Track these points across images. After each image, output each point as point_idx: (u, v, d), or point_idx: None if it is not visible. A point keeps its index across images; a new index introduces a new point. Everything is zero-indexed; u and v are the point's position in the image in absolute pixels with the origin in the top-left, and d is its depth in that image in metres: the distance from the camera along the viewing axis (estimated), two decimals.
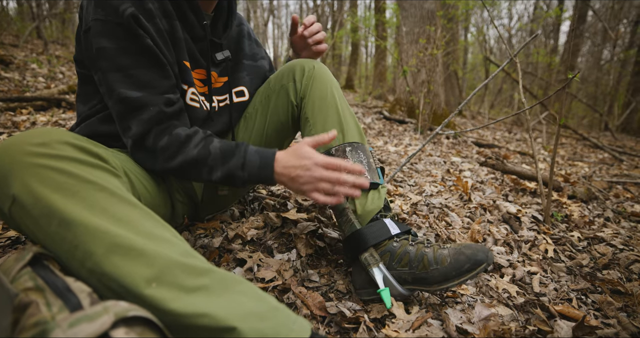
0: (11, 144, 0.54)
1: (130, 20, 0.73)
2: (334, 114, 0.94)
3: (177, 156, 0.78)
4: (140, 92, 0.76)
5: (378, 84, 8.95)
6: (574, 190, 1.94)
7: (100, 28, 0.74)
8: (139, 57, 0.76)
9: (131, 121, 0.77)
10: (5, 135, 1.86)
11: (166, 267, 0.50)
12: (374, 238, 0.84)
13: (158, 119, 0.77)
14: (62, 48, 7.13)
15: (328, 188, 0.77)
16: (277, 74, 1.03)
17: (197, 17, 0.89)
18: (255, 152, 0.80)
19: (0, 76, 3.42)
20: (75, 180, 0.53)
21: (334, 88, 0.98)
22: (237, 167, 0.79)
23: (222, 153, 0.80)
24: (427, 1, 3.98)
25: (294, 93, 0.98)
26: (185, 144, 0.79)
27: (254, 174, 0.79)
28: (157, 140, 0.78)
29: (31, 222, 0.51)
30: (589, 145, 5.05)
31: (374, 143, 2.97)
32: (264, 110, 1.04)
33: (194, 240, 1.02)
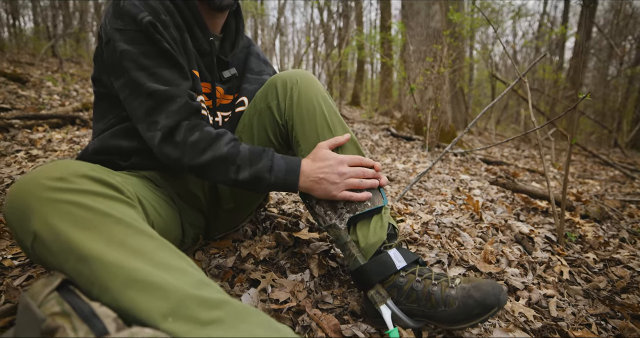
0: (31, 180, 0.55)
1: (149, 26, 0.78)
2: (327, 134, 0.89)
3: (207, 151, 0.79)
4: (166, 86, 0.79)
5: (384, 101, 9.02)
6: (586, 210, 1.92)
7: (120, 36, 0.78)
8: (160, 59, 0.80)
9: (160, 115, 0.78)
10: (22, 153, 1.89)
11: (181, 300, 0.50)
12: (379, 274, 0.81)
13: (185, 110, 0.80)
14: (76, 66, 7.31)
15: (357, 183, 0.82)
16: (262, 91, 0.98)
17: (203, 32, 0.93)
18: (281, 158, 0.83)
19: (18, 94, 3.51)
20: (92, 213, 0.54)
21: (322, 103, 0.90)
22: (265, 169, 0.80)
23: (250, 154, 0.81)
24: (433, 20, 4.05)
25: (279, 112, 0.93)
26: (217, 141, 0.80)
27: (280, 178, 0.81)
28: (188, 135, 0.79)
29: (51, 257, 0.52)
30: (598, 162, 5.01)
31: (382, 160, 2.98)
32: (250, 130, 0.99)
33: (208, 260, 1.03)
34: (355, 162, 0.85)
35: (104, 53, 0.84)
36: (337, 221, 0.86)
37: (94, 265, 0.50)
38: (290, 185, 0.82)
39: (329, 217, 0.87)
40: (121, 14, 0.79)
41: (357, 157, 0.85)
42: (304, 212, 1.47)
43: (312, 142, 0.89)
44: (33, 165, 1.75)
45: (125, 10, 0.78)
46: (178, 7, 0.88)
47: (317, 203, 0.89)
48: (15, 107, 3.07)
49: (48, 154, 2.00)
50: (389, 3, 9.05)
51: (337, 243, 0.87)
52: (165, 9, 0.84)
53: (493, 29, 1.61)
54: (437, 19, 4.05)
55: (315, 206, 0.89)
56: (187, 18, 0.90)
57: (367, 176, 0.85)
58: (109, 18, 0.80)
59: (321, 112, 0.90)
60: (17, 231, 0.54)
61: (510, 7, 10.25)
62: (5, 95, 3.43)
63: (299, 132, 0.91)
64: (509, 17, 10.51)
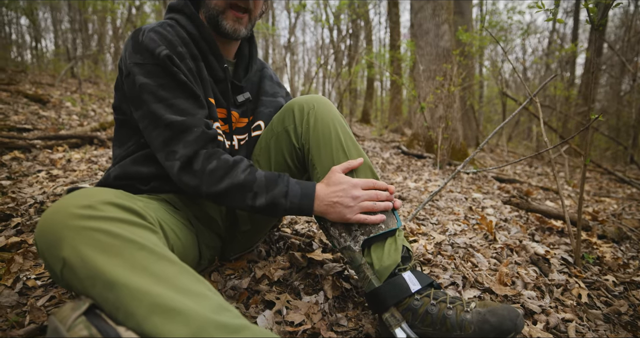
0: (60, 208, 0.58)
1: (166, 60, 0.82)
2: (342, 157, 0.91)
3: (224, 179, 0.82)
4: (183, 117, 0.82)
5: (394, 118, 9.06)
6: (603, 230, 1.88)
7: (139, 70, 0.83)
8: (177, 90, 0.83)
9: (177, 145, 0.81)
10: (43, 173, 1.95)
11: (202, 325, 0.51)
12: (393, 297, 0.81)
13: (202, 139, 0.83)
14: (93, 86, 7.54)
15: (370, 206, 0.84)
16: (279, 115, 1.01)
17: (217, 60, 0.96)
18: (296, 183, 0.85)
19: (39, 115, 3.63)
20: (118, 240, 0.56)
21: (337, 127, 0.93)
22: (281, 195, 0.83)
23: (266, 180, 0.83)
24: (443, 40, 4.11)
25: (296, 136, 0.96)
26: (234, 168, 0.83)
27: (295, 203, 0.83)
28: (206, 164, 0.82)
29: (79, 283, 0.54)
30: (614, 180, 4.92)
31: (393, 179, 2.98)
32: (267, 153, 1.02)
33: (224, 281, 1.04)
34: (369, 185, 0.87)
35: (124, 84, 0.88)
36: (351, 243, 0.87)
37: (120, 291, 0.52)
38: (306, 209, 0.84)
39: (344, 239, 0.88)
40: (140, 48, 0.83)
41: (371, 181, 0.87)
42: (317, 232, 1.48)
43: (327, 166, 0.91)
44: (54, 185, 1.80)
45: (143, 45, 0.83)
46: (193, 37, 0.93)
47: (331, 225, 0.90)
48: (37, 128, 3.17)
49: (68, 173, 2.06)
50: (397, 22, 9.21)
51: (352, 265, 0.88)
52: (182, 41, 0.89)
53: (502, 49, 1.64)
54: (447, 38, 4.11)
55: (330, 228, 0.91)
56: (202, 47, 0.94)
57: (381, 199, 0.86)
58: (129, 52, 0.85)
59: (337, 136, 0.92)
60: (47, 258, 0.57)
61: (519, 25, 10.31)
62: (28, 116, 3.56)
63: (315, 156, 0.93)
64: (517, 35, 10.58)
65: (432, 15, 4.12)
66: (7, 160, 2.18)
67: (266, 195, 0.82)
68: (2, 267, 0.99)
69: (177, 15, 0.94)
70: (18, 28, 13.69)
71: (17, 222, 1.30)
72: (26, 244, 1.14)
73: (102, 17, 9.07)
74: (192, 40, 0.92)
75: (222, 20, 0.92)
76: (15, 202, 1.51)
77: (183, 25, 0.92)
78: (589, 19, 1.22)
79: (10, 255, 1.04)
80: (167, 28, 0.88)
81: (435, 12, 4.11)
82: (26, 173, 1.99)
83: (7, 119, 3.28)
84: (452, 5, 4.24)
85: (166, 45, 0.84)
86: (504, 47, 1.67)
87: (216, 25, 0.94)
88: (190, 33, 0.92)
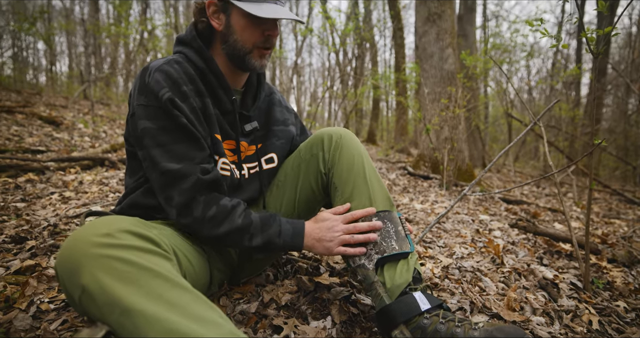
0: (81, 237, 0.61)
1: (167, 103, 0.86)
2: (362, 183, 0.99)
3: (223, 224, 0.88)
4: (179, 164, 0.86)
5: (400, 138, 9.11)
6: (613, 253, 1.86)
7: (143, 112, 0.87)
8: (176, 133, 0.87)
9: (173, 191, 0.86)
10: (56, 195, 2.00)
11: None
12: (403, 314, 0.83)
13: (197, 187, 0.86)
14: (105, 107, 7.73)
15: (348, 239, 0.93)
16: (307, 143, 1.10)
17: (226, 93, 1.00)
18: (287, 222, 0.94)
19: (53, 137, 3.73)
20: (135, 268, 0.59)
21: (362, 155, 1.03)
22: (275, 234, 0.91)
23: (261, 222, 0.91)
24: (447, 63, 4.19)
25: (323, 162, 1.05)
26: (232, 214, 0.89)
27: (287, 241, 0.92)
28: (206, 210, 0.87)
29: (97, 309, 0.57)
30: (624, 200, 4.87)
31: (399, 200, 2.99)
32: (295, 178, 1.10)
33: (232, 306, 1.05)
34: (348, 218, 0.96)
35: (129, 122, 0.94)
36: (365, 261, 0.93)
37: (136, 317, 0.54)
38: (297, 246, 0.94)
39: (359, 258, 0.94)
40: (145, 90, 0.87)
41: (349, 214, 0.96)
42: (324, 256, 1.49)
43: (349, 189, 0.99)
44: (66, 207, 1.84)
45: (149, 87, 0.87)
46: (201, 71, 0.96)
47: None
48: (50, 149, 3.25)
49: (79, 195, 2.10)
50: (402, 44, 9.40)
51: (365, 283, 0.93)
52: (188, 78, 0.92)
53: (505, 75, 1.68)
54: (451, 61, 4.19)
55: None
56: (210, 81, 0.97)
57: (360, 230, 0.94)
58: (136, 93, 0.89)
59: (360, 163, 1.01)
60: (67, 285, 0.59)
61: (522, 47, 10.45)
62: (42, 138, 3.66)
63: (337, 179, 1.02)
64: (522, 57, 10.71)
65: (436, 39, 4.22)
66: (22, 182, 2.23)
67: (262, 235, 0.91)
68: (17, 290, 1.01)
69: (185, 49, 0.97)
70: (35, 52, 14.19)
71: (32, 244, 1.33)
72: (40, 267, 1.16)
73: (115, 41, 9.38)
74: (200, 74, 0.96)
75: (250, 59, 0.97)
76: (30, 225, 1.55)
77: (191, 59, 0.95)
78: (589, 48, 1.26)
79: (25, 278, 1.06)
80: (174, 66, 0.90)
81: (439, 37, 4.21)
82: (40, 196, 2.04)
83: (23, 141, 3.38)
84: (455, 29, 4.34)
85: (170, 86, 0.87)
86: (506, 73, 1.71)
87: (242, 63, 0.98)
88: (198, 68, 0.95)
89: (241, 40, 0.95)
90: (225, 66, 1.01)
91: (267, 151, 1.12)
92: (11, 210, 1.75)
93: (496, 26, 12.93)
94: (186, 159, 0.87)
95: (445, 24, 4.21)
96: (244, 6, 0.90)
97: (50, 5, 13.32)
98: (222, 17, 0.96)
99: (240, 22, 0.94)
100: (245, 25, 0.94)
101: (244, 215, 0.91)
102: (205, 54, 0.96)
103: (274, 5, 0.93)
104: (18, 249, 1.31)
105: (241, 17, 0.93)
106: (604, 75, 8.75)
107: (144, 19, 11.47)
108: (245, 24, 0.94)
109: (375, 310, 0.91)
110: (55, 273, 0.62)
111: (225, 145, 1.01)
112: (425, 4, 4.27)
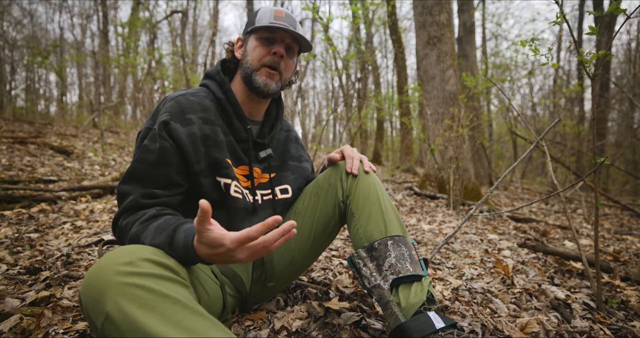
0: (104, 265, 0.64)
1: (160, 125, 0.94)
2: (377, 210, 1.04)
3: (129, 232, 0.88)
4: (129, 186, 0.93)
5: (405, 158, 9.15)
6: (626, 271, 1.84)
7: (144, 133, 0.97)
8: (149, 154, 0.93)
9: (119, 206, 0.94)
10: (68, 224, 2.04)
11: None
12: (418, 332, 0.85)
13: (130, 206, 0.91)
14: (113, 136, 7.89)
15: (261, 254, 0.72)
16: (325, 174, 1.16)
17: (241, 123, 1.08)
18: (183, 231, 0.78)
19: (64, 166, 3.81)
20: (155, 295, 0.62)
21: (377, 185, 1.09)
22: (165, 244, 0.78)
23: (156, 230, 0.81)
24: (448, 84, 4.26)
25: (342, 191, 1.10)
26: (134, 222, 0.88)
27: (180, 254, 0.76)
28: (124, 220, 0.91)
29: (119, 336, 0.59)
30: (636, 215, 4.80)
31: (407, 221, 2.99)
32: (314, 206, 1.15)
33: (244, 333, 1.06)
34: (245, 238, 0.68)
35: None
36: (381, 282, 0.96)
37: None
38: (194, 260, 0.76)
39: (374, 278, 0.97)
40: (154, 114, 0.99)
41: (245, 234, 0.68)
42: (334, 280, 1.49)
43: (365, 215, 1.03)
44: (78, 237, 1.87)
45: (157, 113, 0.98)
46: (220, 102, 1.05)
47: (364, 265, 1.00)
48: (62, 179, 3.32)
49: (91, 224, 2.14)
50: (404, 66, 9.57)
51: (380, 302, 0.96)
52: (200, 108, 1.01)
53: (505, 96, 1.71)
54: (452, 82, 4.26)
55: (362, 268, 1.01)
56: (227, 111, 1.06)
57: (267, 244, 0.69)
58: (148, 117, 1.00)
59: (375, 192, 1.07)
60: (90, 312, 0.61)
61: (524, 66, 10.59)
62: (53, 168, 3.74)
63: (354, 206, 1.06)
64: (523, 75, 10.82)
65: (436, 61, 4.32)
66: (35, 212, 2.28)
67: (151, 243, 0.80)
68: (33, 321, 1.03)
69: (209, 82, 1.10)
70: (47, 83, 14.66)
71: (46, 275, 1.36)
72: (55, 298, 1.18)
73: (123, 71, 9.68)
74: (218, 104, 1.06)
75: (256, 76, 1.06)
76: (43, 255, 1.58)
77: (212, 90, 1.07)
78: (585, 71, 1.30)
79: (40, 310, 1.08)
80: (190, 97, 1.01)
81: (439, 59, 4.31)
82: (52, 225, 2.08)
83: (35, 171, 3.46)
84: (455, 51, 4.44)
85: (174, 113, 0.96)
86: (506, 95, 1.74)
87: (250, 82, 1.07)
88: (217, 98, 1.06)
89: (251, 60, 1.07)
90: (244, 95, 1.11)
91: (281, 182, 1.18)
92: (25, 241, 1.79)
93: (495, 46, 13.14)
94: (140, 181, 0.93)
95: (445, 47, 4.31)
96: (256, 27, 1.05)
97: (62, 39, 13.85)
98: (243, 47, 1.11)
99: (253, 44, 1.08)
100: (256, 45, 1.07)
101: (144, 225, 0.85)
102: (225, 86, 1.08)
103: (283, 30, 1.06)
104: (33, 280, 1.34)
105: (254, 40, 1.08)
106: (607, 89, 8.79)
107: (151, 49, 11.87)
108: (256, 44, 1.07)
109: (386, 334, 0.92)
110: (79, 301, 0.64)
111: (238, 170, 1.08)
112: (425, 28, 4.39)
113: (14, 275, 1.37)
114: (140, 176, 0.93)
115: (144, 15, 12.25)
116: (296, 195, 1.21)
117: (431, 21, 4.35)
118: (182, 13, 12.60)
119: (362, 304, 1.27)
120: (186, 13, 12.79)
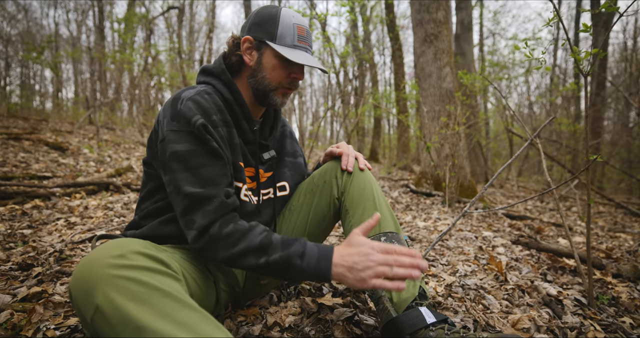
0: (95, 258, 0.64)
1: (201, 128, 0.88)
2: (371, 206, 1.05)
3: (240, 242, 0.83)
4: (204, 189, 0.86)
5: (402, 155, 9.16)
6: (618, 268, 1.85)
7: (174, 136, 0.89)
8: (206, 158, 0.89)
9: (196, 214, 0.85)
10: (62, 220, 2.03)
11: None
12: (409, 327, 0.86)
13: (221, 208, 0.86)
14: (109, 132, 7.85)
15: (387, 271, 0.76)
16: (320, 171, 1.16)
17: (249, 124, 1.05)
18: (314, 245, 0.83)
19: (59, 162, 3.79)
20: (146, 288, 0.62)
21: (372, 183, 1.10)
22: (297, 254, 0.81)
23: (282, 242, 0.84)
24: (445, 82, 4.27)
25: (337, 188, 1.11)
26: (249, 232, 0.85)
27: (312, 264, 0.80)
28: (223, 228, 0.84)
29: (109, 329, 0.59)
30: (629, 213, 4.83)
31: (402, 218, 3.00)
32: (309, 203, 1.15)
33: (236, 328, 1.06)
34: (388, 250, 0.79)
35: (157, 147, 0.95)
36: None
37: (147, 336, 0.57)
38: (323, 271, 0.80)
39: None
40: (177, 116, 0.90)
41: (392, 246, 0.80)
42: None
43: (359, 212, 1.05)
44: (71, 233, 1.87)
45: (181, 114, 0.90)
46: (228, 103, 1.01)
47: None
48: (56, 175, 3.31)
49: (85, 220, 2.13)
50: (401, 64, 9.58)
51: (372, 297, 0.97)
52: (217, 108, 0.96)
53: (501, 95, 1.72)
54: (449, 80, 4.27)
55: None
56: (236, 111, 1.02)
57: (399, 264, 0.77)
58: (167, 120, 0.91)
59: (369, 189, 1.08)
60: (80, 305, 0.61)
61: (521, 64, 10.61)
62: (48, 164, 3.72)
63: (349, 203, 1.07)
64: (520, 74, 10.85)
65: (433, 59, 4.32)
66: (29, 208, 2.27)
67: (281, 253, 0.81)
68: (24, 317, 1.02)
69: (214, 81, 1.03)
70: (42, 79, 14.56)
71: (38, 271, 1.35)
72: (46, 294, 1.18)
73: (120, 67, 9.63)
74: (227, 106, 1.01)
75: (273, 96, 1.04)
76: (36, 251, 1.57)
77: (220, 90, 1.01)
78: (578, 69, 1.30)
79: (31, 306, 1.08)
80: (205, 96, 0.95)
81: (436, 56, 4.31)
82: (46, 222, 2.07)
83: (29, 168, 3.44)
84: (452, 48, 4.44)
85: (202, 114, 0.90)
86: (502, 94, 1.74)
87: (264, 98, 1.05)
88: (225, 99, 1.01)
89: (269, 78, 1.02)
90: (248, 98, 1.08)
91: (279, 179, 1.18)
92: (18, 237, 1.78)
93: (493, 44, 13.16)
94: (212, 183, 0.88)
95: (442, 44, 4.31)
96: (279, 49, 0.98)
97: (58, 34, 13.75)
98: (254, 54, 1.03)
99: (272, 61, 1.01)
100: (276, 65, 1.01)
101: (264, 235, 0.85)
102: (233, 87, 1.03)
103: (304, 53, 1.01)
104: (25, 276, 1.33)
105: (273, 58, 1.01)
106: (603, 88, 8.83)
107: (147, 45, 11.80)
108: (276, 64, 1.01)
109: (379, 329, 0.92)
110: (69, 294, 0.64)
111: (245, 172, 1.06)
112: (422, 26, 4.39)
113: (5, 271, 1.37)
114: (210, 178, 0.88)
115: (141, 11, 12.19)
116: (293, 192, 1.21)
117: (428, 19, 4.34)
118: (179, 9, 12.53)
119: (355, 300, 1.27)
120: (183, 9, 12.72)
